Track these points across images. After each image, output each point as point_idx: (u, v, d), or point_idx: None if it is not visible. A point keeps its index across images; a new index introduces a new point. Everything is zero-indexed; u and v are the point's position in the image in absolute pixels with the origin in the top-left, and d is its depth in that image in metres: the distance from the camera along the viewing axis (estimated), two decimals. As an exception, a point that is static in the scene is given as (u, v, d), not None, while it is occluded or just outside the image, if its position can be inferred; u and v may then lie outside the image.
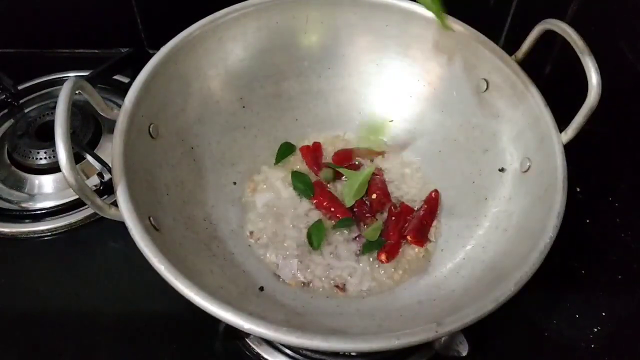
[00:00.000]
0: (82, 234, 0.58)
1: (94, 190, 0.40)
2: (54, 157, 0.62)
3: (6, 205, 0.60)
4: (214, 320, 0.37)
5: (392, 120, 0.63)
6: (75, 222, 0.59)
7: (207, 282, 0.43)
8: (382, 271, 0.52)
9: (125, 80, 0.73)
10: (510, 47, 0.54)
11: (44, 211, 0.59)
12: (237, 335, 0.50)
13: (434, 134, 0.60)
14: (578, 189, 0.62)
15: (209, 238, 0.51)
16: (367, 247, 0.53)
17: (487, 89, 0.56)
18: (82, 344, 0.51)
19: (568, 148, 0.47)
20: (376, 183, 0.58)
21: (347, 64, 0.62)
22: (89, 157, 0.61)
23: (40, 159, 0.62)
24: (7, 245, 0.58)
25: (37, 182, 0.62)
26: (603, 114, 0.47)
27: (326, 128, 0.63)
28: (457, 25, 0.56)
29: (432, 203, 0.56)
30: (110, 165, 0.52)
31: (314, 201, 0.56)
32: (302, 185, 0.57)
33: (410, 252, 0.54)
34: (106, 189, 0.60)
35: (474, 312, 0.37)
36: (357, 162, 0.61)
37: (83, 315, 0.52)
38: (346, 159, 0.60)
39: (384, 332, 0.36)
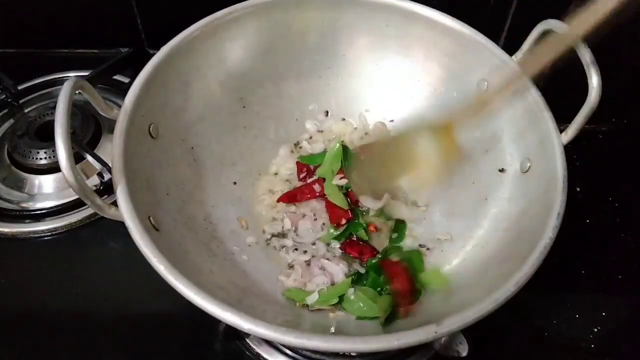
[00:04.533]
0: (82, 234, 0.58)
1: (94, 190, 0.40)
2: (54, 157, 0.62)
3: (6, 205, 0.60)
4: (214, 320, 0.37)
5: (392, 120, 0.63)
6: (75, 222, 0.59)
7: (207, 282, 0.43)
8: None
9: (125, 80, 0.73)
10: (510, 47, 0.54)
11: (44, 211, 0.59)
12: (237, 335, 0.50)
13: (434, 134, 0.60)
14: (578, 189, 0.62)
15: (209, 238, 0.51)
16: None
17: (487, 89, 0.55)
18: (82, 344, 0.51)
19: (568, 148, 0.47)
20: None
21: (347, 64, 0.62)
22: (89, 157, 0.61)
23: (40, 159, 0.62)
24: (7, 245, 0.58)
25: (37, 182, 0.62)
26: (603, 114, 0.47)
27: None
28: (457, 25, 0.56)
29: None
30: (110, 165, 0.52)
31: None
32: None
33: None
34: (106, 189, 0.60)
35: (474, 312, 0.37)
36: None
37: (83, 315, 0.52)
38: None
39: (384, 332, 0.36)
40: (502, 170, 0.53)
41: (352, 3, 0.59)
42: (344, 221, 0.54)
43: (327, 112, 0.64)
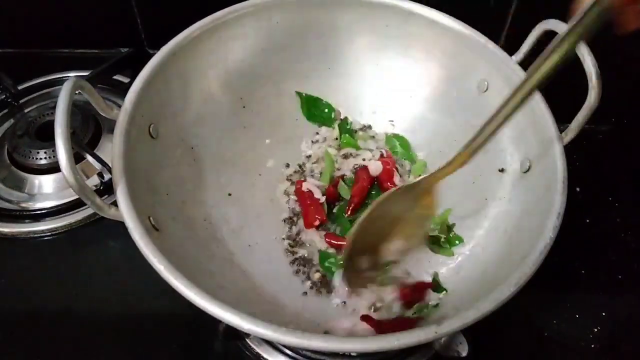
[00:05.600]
0: (82, 234, 0.58)
1: (94, 190, 0.40)
2: (54, 157, 0.62)
3: (6, 205, 0.60)
4: (214, 320, 0.37)
5: (392, 121, 0.63)
6: (75, 222, 0.59)
7: (207, 282, 0.43)
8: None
9: (125, 80, 0.73)
10: (510, 47, 0.54)
11: (44, 211, 0.59)
12: (237, 335, 0.50)
13: (434, 134, 0.60)
14: (578, 189, 0.62)
15: (209, 238, 0.51)
16: None
17: (487, 89, 0.56)
18: (82, 344, 0.51)
19: (568, 148, 0.47)
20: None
21: (347, 64, 0.62)
22: (89, 157, 0.61)
23: (40, 159, 0.62)
24: (7, 245, 0.58)
25: (37, 182, 0.62)
26: (603, 114, 0.47)
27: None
28: (457, 25, 0.56)
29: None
30: (110, 165, 0.52)
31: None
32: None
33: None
34: (106, 189, 0.60)
35: (474, 312, 0.37)
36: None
37: (83, 315, 0.52)
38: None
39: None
40: (502, 170, 0.53)
41: (352, 3, 0.59)
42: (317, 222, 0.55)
43: (327, 112, 0.64)
